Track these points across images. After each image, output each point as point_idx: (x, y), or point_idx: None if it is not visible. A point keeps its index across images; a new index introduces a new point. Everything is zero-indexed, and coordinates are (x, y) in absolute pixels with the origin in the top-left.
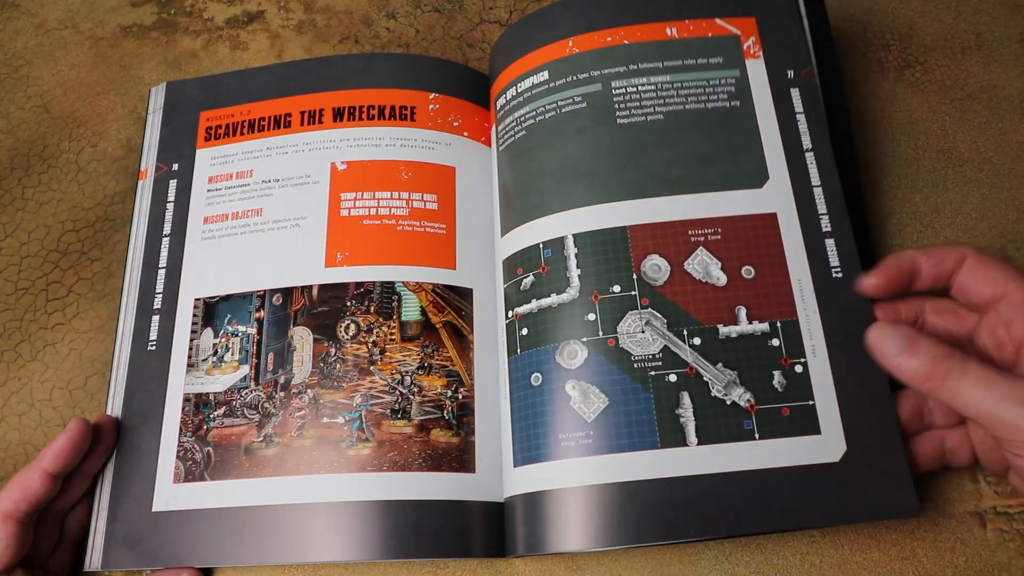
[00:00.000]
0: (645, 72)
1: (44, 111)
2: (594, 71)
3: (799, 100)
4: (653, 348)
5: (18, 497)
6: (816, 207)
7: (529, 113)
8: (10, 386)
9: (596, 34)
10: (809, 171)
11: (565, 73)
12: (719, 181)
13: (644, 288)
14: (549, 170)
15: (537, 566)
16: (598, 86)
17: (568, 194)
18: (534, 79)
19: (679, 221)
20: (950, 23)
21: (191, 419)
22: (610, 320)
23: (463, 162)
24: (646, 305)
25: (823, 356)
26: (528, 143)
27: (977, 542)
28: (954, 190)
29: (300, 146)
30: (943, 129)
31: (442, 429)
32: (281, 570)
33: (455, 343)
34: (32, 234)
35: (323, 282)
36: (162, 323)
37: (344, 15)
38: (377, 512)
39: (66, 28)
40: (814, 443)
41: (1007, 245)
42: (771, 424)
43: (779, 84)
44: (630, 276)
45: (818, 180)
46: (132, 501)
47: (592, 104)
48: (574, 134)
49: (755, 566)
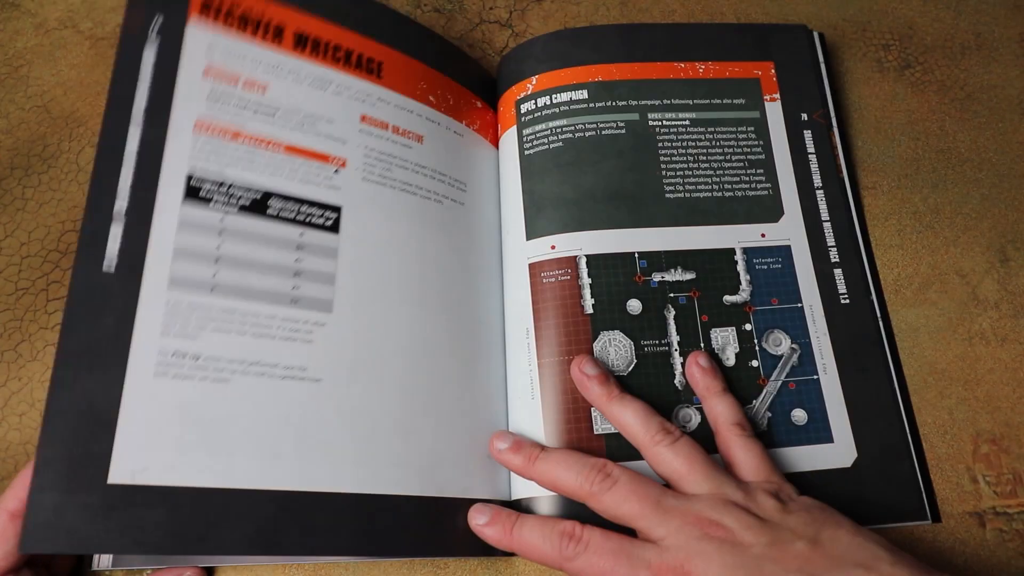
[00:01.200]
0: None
1: (44, 111)
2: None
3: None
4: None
5: (22, 494)
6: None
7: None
8: (10, 386)
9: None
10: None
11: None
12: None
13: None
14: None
15: (537, 566)
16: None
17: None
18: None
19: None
20: (950, 23)
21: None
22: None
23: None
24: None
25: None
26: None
27: (976, 542)
28: (954, 190)
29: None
30: (943, 129)
31: None
32: (281, 569)
33: None
34: (32, 234)
35: None
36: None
37: None
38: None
39: (66, 28)
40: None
41: (1007, 245)
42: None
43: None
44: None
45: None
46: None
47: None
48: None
49: None
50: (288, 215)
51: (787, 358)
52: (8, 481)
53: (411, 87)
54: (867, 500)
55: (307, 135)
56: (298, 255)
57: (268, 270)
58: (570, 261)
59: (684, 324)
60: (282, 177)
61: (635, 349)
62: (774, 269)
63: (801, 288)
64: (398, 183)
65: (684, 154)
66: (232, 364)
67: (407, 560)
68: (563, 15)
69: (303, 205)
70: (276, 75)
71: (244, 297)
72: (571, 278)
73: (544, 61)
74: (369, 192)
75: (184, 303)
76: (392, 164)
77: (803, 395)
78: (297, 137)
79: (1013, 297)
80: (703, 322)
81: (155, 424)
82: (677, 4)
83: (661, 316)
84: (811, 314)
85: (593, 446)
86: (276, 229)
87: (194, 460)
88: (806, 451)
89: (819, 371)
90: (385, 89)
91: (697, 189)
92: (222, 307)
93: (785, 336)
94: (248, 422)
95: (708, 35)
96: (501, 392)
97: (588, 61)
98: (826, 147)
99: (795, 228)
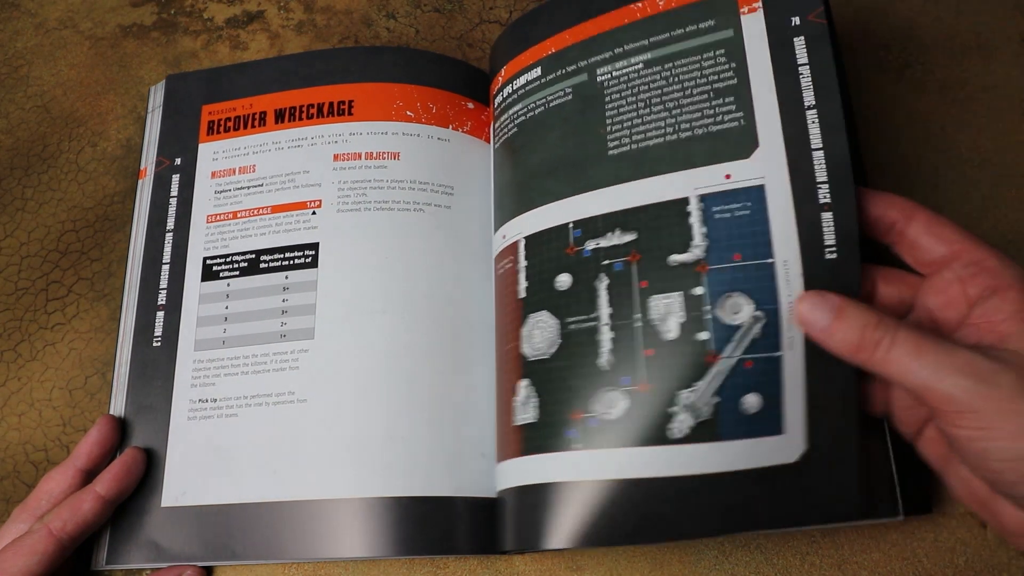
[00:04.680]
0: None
1: (44, 111)
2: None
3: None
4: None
5: (67, 516)
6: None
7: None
8: (10, 386)
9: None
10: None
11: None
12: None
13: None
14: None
15: (537, 566)
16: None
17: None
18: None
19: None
20: (950, 23)
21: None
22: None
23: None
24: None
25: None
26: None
27: (977, 542)
28: (954, 190)
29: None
30: (943, 129)
31: None
32: (282, 569)
33: None
34: (32, 234)
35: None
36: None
37: (344, 15)
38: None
39: (66, 28)
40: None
41: (1007, 245)
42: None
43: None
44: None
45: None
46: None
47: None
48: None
49: (755, 566)
50: (276, 265)
51: (747, 329)
52: (9, 481)
53: (385, 111)
54: (814, 497)
55: (288, 191)
56: (285, 295)
57: (262, 315)
58: (513, 248)
59: (617, 294)
60: (270, 235)
61: (560, 328)
62: (739, 217)
63: (774, 239)
64: (373, 204)
65: (633, 101)
66: (239, 400)
67: (407, 560)
68: None
69: (287, 252)
70: (261, 152)
71: (245, 343)
72: (512, 264)
73: (510, 48)
74: (344, 221)
75: (205, 359)
76: (366, 188)
77: (761, 376)
78: (280, 196)
79: None
80: (641, 289)
81: (188, 457)
82: None
83: (591, 288)
84: (785, 272)
85: (511, 439)
86: (267, 280)
87: (216, 482)
88: (747, 445)
89: (783, 346)
90: (357, 123)
91: (646, 138)
92: (230, 356)
93: (748, 301)
94: (252, 447)
95: None
96: (492, 389)
97: (544, 36)
98: (824, 55)
99: (773, 162)
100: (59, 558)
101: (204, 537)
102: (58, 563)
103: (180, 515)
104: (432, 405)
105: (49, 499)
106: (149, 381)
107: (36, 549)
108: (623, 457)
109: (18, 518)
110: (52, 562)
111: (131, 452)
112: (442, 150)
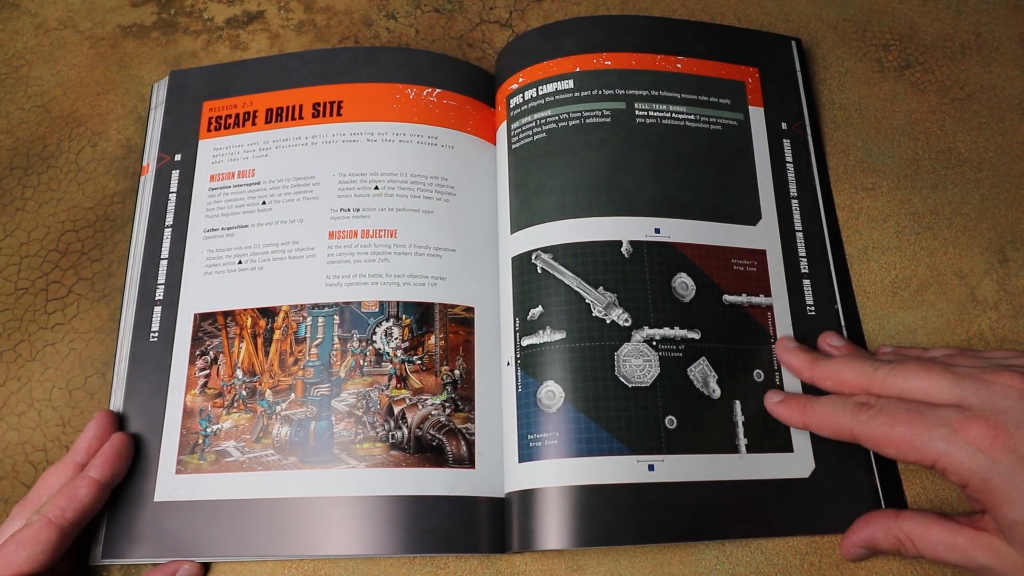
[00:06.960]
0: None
1: (44, 111)
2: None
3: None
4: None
5: (64, 504)
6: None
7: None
8: (9, 386)
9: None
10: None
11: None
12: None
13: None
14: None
15: (537, 566)
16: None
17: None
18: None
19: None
20: (950, 23)
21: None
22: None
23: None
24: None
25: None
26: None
27: None
28: (954, 190)
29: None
30: (943, 129)
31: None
32: (280, 566)
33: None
34: (32, 234)
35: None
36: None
37: (344, 15)
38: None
39: (66, 28)
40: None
41: (1006, 246)
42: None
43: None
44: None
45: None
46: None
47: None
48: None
49: (755, 566)
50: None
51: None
52: (7, 481)
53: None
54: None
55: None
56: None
57: None
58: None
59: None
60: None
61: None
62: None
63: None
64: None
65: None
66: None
67: (407, 559)
68: (563, 15)
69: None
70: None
71: None
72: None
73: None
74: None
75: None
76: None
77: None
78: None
79: (1012, 298)
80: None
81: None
82: (677, 4)
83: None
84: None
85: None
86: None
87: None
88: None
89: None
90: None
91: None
92: None
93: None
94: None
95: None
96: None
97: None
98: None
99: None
100: (61, 546)
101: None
102: (61, 551)
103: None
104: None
105: (50, 495)
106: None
107: (38, 538)
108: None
109: (18, 515)
110: (55, 550)
111: (118, 436)
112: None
